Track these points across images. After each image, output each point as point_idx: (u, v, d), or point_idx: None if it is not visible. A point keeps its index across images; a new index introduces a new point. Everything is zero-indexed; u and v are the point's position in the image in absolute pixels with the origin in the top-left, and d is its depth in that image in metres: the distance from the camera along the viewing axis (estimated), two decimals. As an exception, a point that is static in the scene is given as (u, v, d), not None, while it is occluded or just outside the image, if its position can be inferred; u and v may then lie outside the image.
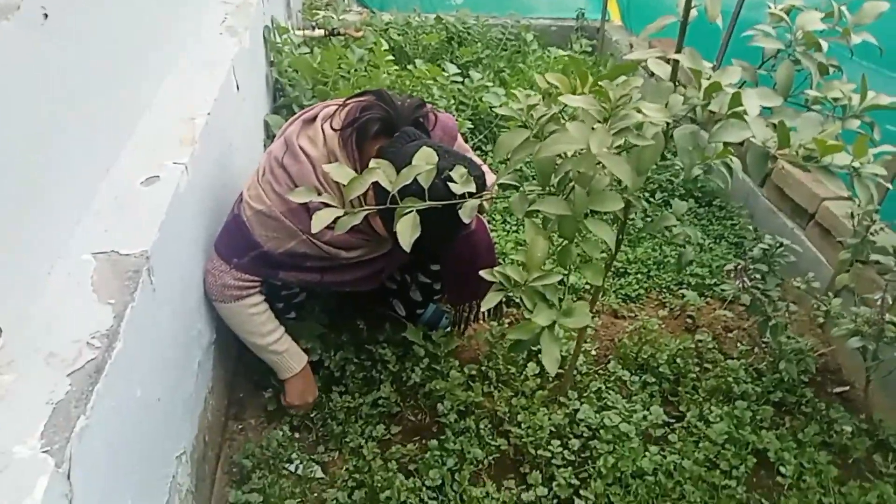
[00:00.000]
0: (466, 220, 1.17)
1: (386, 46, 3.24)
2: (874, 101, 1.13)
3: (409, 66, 3.25)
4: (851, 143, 1.13)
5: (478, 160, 1.93)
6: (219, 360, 1.82)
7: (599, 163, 1.07)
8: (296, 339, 1.84)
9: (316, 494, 1.69)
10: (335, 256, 1.67)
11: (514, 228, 2.63)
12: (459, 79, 3.24)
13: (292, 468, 1.76)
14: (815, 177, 1.14)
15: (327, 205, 1.13)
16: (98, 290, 1.18)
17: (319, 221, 1.10)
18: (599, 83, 1.06)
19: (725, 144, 1.25)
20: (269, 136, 2.68)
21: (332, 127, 1.57)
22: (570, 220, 1.08)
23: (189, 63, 1.99)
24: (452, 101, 3.12)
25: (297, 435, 1.85)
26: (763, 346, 2.07)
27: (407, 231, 1.12)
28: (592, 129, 1.01)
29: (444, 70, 3.25)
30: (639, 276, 2.43)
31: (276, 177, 1.56)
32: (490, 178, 1.88)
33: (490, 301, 1.11)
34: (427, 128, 1.69)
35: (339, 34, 3.66)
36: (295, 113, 2.78)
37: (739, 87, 1.11)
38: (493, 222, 2.66)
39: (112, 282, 1.20)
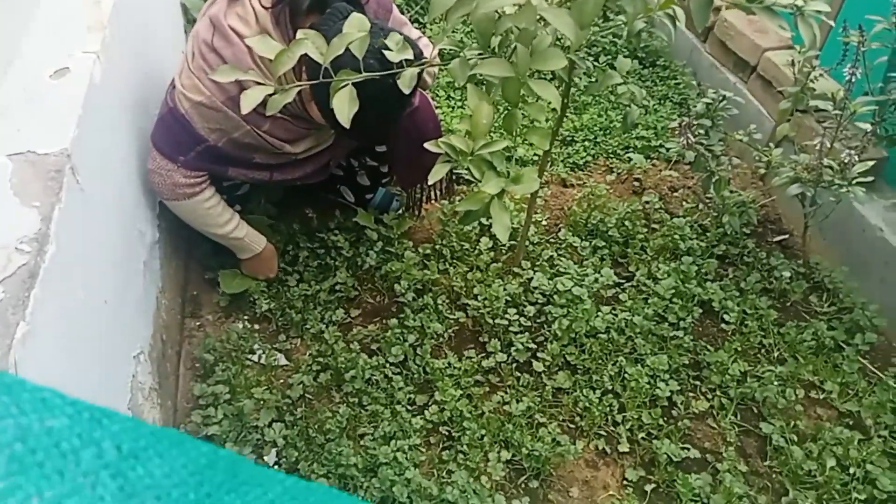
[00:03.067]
0: (406, 90, 1.11)
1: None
2: (819, -66, 1.09)
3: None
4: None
5: (417, 32, 1.84)
6: (167, 259, 1.78)
7: (541, 19, 1.02)
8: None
9: (282, 381, 1.72)
10: (280, 149, 1.61)
11: (459, 104, 2.56)
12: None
13: (255, 358, 1.77)
14: (758, 27, 1.12)
15: (258, 83, 1.05)
16: (19, 194, 1.10)
17: (249, 101, 1.03)
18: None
19: (669, -7, 1.20)
20: (189, 21, 2.48)
21: (261, 4, 1.45)
22: (513, 82, 1.04)
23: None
24: (384, -29, 2.92)
25: (256, 326, 1.86)
26: (707, 202, 2.12)
27: (344, 106, 1.07)
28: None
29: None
30: (585, 143, 2.42)
31: (208, 62, 1.45)
32: (430, 51, 1.80)
33: (437, 173, 1.08)
34: (360, 2, 1.59)
35: None
36: (214, -8, 2.59)
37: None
38: (437, 98, 2.57)
39: (33, 184, 1.13)
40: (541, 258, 1.98)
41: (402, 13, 2.88)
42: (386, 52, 1.11)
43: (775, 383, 1.69)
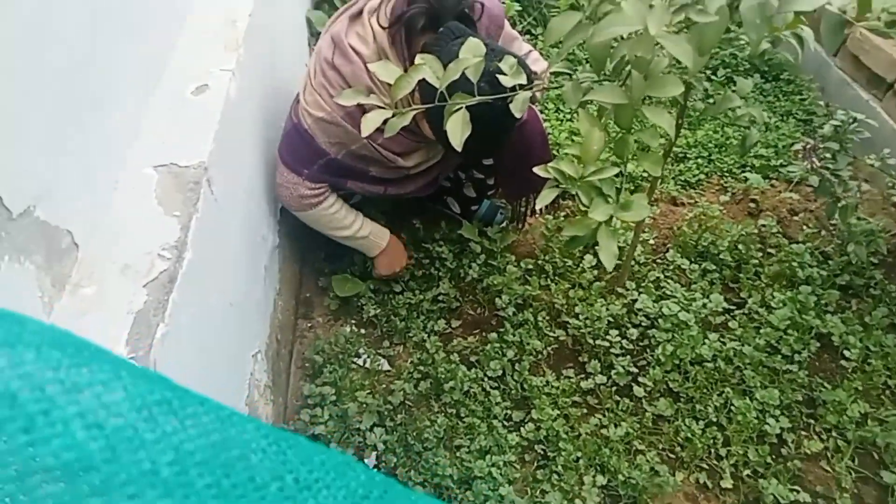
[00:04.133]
0: (518, 115, 1.14)
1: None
2: (972, -45, 1.01)
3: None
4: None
5: (527, 46, 1.85)
6: (283, 264, 1.89)
7: (658, 44, 1.01)
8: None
9: (384, 385, 1.78)
10: (393, 162, 1.68)
11: (568, 117, 2.55)
12: (505, -42, 3.05)
13: (360, 362, 1.85)
14: (899, 45, 1.05)
15: (377, 107, 1.11)
16: (162, 203, 1.22)
17: (369, 124, 1.08)
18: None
19: (796, 14, 1.15)
20: (313, 34, 2.62)
21: (378, 24, 1.53)
22: (626, 109, 1.03)
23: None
24: (499, -16, 2.96)
25: (363, 331, 1.93)
26: (831, 228, 1.99)
27: (457, 129, 1.10)
28: (650, 6, 0.94)
29: (488, -50, 3.06)
30: (699, 160, 2.35)
31: (328, 80, 1.55)
32: (541, 65, 1.82)
33: (545, 198, 1.09)
34: (473, 18, 1.62)
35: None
36: (336, 6, 2.73)
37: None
38: (546, 111, 2.58)
39: (174, 194, 1.24)
40: (646, 279, 1.94)
41: (514, 26, 2.92)
42: (500, 77, 1.13)
43: (900, 429, 1.57)
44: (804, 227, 2.07)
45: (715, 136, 2.40)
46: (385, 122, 1.10)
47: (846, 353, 1.73)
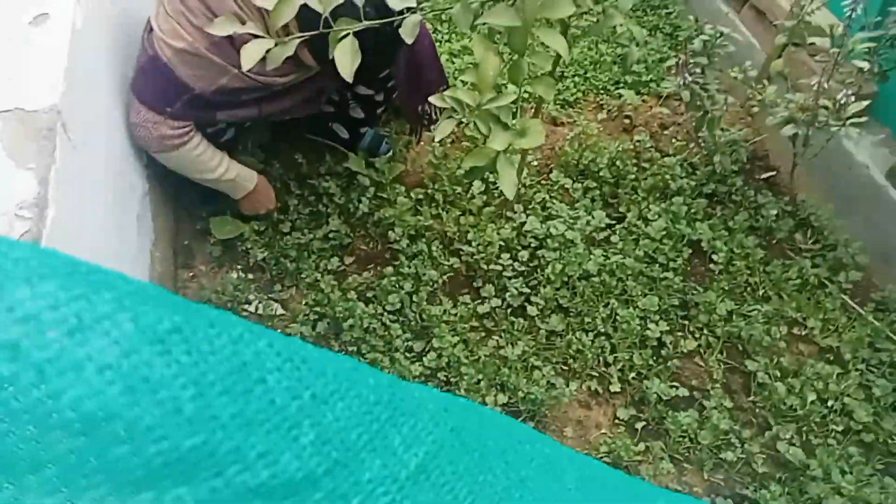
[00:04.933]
0: (409, 40, 1.08)
1: None
2: None
3: None
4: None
5: None
6: (157, 211, 1.75)
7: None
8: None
9: (279, 331, 1.72)
10: (271, 85, 1.56)
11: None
12: None
13: (252, 308, 1.78)
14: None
15: (255, 36, 1.01)
16: (14, 156, 1.07)
17: (249, 57, 0.99)
18: None
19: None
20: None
21: None
22: (521, 32, 1.01)
23: None
24: None
25: (251, 276, 1.85)
26: (698, 140, 2.12)
27: (346, 59, 1.04)
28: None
29: None
30: (576, 78, 2.39)
31: (188, 7, 1.39)
32: None
33: (443, 130, 1.06)
34: None
35: None
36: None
37: None
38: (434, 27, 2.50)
39: (26, 143, 1.09)
40: (533, 201, 1.99)
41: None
42: (388, 0, 1.07)
43: (761, 321, 1.74)
44: (674, 140, 2.18)
45: (590, 53, 2.44)
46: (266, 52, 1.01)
47: (714, 257, 1.88)
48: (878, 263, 1.85)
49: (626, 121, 2.26)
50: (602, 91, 2.36)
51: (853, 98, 1.54)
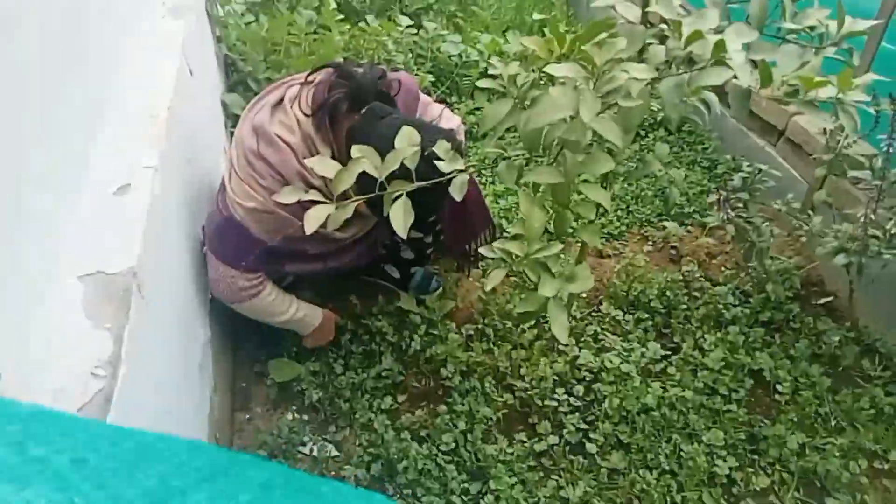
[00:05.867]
0: (458, 198, 1.15)
1: (333, 5, 3.13)
2: (852, 28, 1.13)
3: (361, 24, 3.14)
4: (831, 73, 1.13)
5: (439, 106, 1.91)
6: (217, 357, 1.81)
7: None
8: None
9: (334, 473, 1.72)
10: (331, 237, 1.67)
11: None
12: (413, 30, 3.15)
13: (307, 451, 1.78)
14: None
15: (315, 201, 1.10)
16: (92, 316, 1.15)
17: (312, 222, 1.07)
18: (579, 44, 1.04)
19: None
20: (229, 117, 2.59)
21: (301, 111, 1.54)
22: (563, 187, 1.07)
23: (137, 54, 1.89)
24: (410, 55, 3.04)
25: (306, 417, 1.87)
26: (747, 268, 2.11)
27: (400, 216, 1.11)
28: (579, 94, 0.99)
29: (396, 23, 3.16)
30: (618, 212, 2.45)
31: (256, 169, 1.53)
32: (454, 121, 1.90)
33: (494, 279, 1.10)
34: (391, 95, 1.67)
35: (281, -6, 3.50)
36: (251, 88, 2.72)
37: (719, 30, 1.10)
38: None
39: (104, 305, 1.17)
40: (585, 333, 1.98)
41: (429, 94, 3.00)
42: (438, 164, 1.15)
43: (837, 455, 1.65)
44: (723, 269, 2.18)
45: (630, 188, 2.52)
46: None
47: (778, 387, 1.82)
48: (957, 390, 1.75)
49: (673, 251, 2.29)
50: (646, 223, 2.41)
51: (903, 226, 1.54)
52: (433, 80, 3.01)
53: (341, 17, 3.04)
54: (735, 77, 1.08)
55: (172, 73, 1.81)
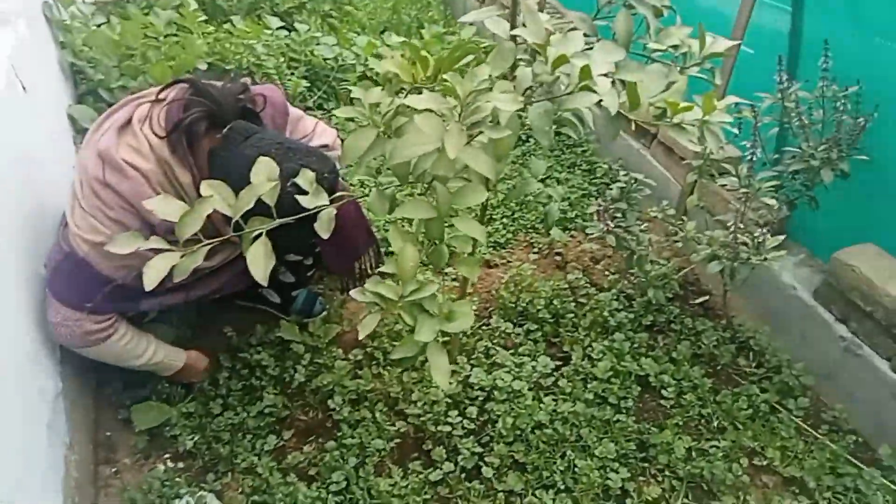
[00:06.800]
0: (325, 235, 1.06)
1: (195, 4, 2.92)
2: (713, 49, 1.13)
3: (227, 25, 2.94)
4: (693, 89, 1.13)
5: (312, 121, 1.80)
6: (72, 407, 1.61)
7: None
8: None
9: (214, 528, 1.58)
10: (197, 270, 1.51)
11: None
12: (285, 32, 2.99)
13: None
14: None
15: (157, 249, 0.97)
16: None
17: (152, 275, 0.94)
18: (443, 71, 0.97)
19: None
20: (79, 131, 2.34)
21: (154, 132, 1.38)
22: (436, 222, 1.00)
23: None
24: (282, 59, 2.88)
25: (180, 465, 1.70)
26: (630, 273, 2.15)
27: (259, 260, 1.00)
28: (443, 121, 0.92)
29: (265, 25, 2.99)
30: (504, 220, 2.43)
31: (103, 200, 1.36)
32: (329, 134, 1.81)
33: (367, 327, 1.02)
34: (256, 111, 1.54)
35: (137, -6, 3.23)
36: (102, 98, 2.48)
37: (588, 47, 1.06)
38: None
39: None
40: (476, 350, 1.94)
41: (304, 101, 2.86)
42: (300, 198, 1.05)
43: (720, 457, 1.69)
44: (607, 274, 2.21)
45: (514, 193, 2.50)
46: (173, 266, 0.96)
47: (664, 392, 1.85)
48: (822, 381, 1.85)
49: (558, 257, 2.29)
50: (531, 230, 2.40)
51: (769, 234, 1.59)
52: (308, 85, 2.87)
53: (204, 17, 2.83)
54: (600, 101, 1.05)
55: (-3, 93, 1.59)
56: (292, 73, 2.86)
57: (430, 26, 3.55)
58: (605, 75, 0.97)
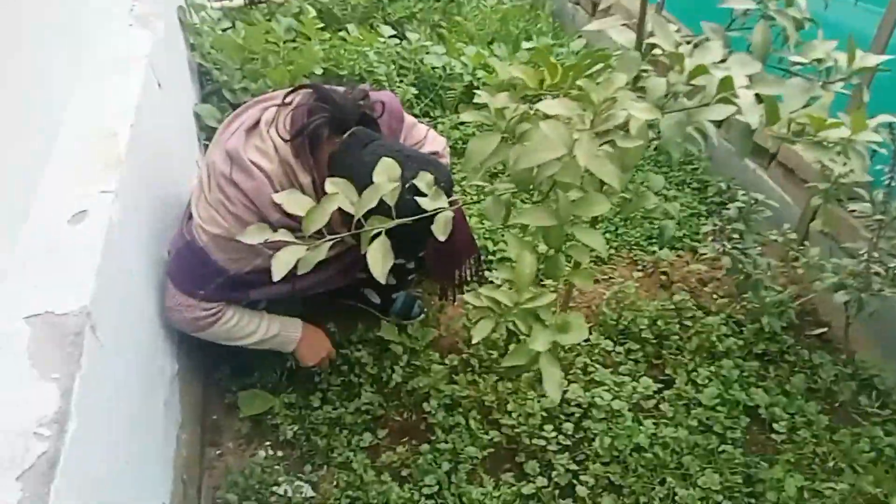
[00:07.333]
0: (442, 238, 1.06)
1: (313, 12, 3.04)
2: (863, 64, 1.06)
3: (342, 32, 3.05)
4: (840, 109, 1.06)
5: (424, 128, 1.82)
6: (185, 389, 1.70)
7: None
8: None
9: (309, 517, 1.62)
10: None
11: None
12: (396, 41, 3.06)
13: (281, 491, 1.67)
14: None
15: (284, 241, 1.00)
16: (38, 365, 1.04)
17: (280, 266, 0.97)
18: (573, 74, 0.95)
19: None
20: (202, 128, 2.48)
21: (279, 136, 1.44)
22: (556, 230, 0.98)
23: (100, 66, 1.78)
24: (392, 66, 2.95)
25: (280, 453, 1.76)
26: (740, 297, 2.04)
27: (378, 259, 1.01)
28: (572, 132, 0.90)
29: (378, 33, 3.07)
30: (607, 234, 2.37)
31: (227, 196, 1.43)
32: (440, 142, 1.83)
33: (481, 332, 1.01)
34: (374, 118, 1.57)
35: (260, 1, 3.40)
36: (225, 98, 2.61)
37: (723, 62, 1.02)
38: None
39: (52, 351, 1.06)
40: (574, 366, 1.90)
41: (412, 108, 2.91)
42: (420, 200, 1.06)
43: (837, 500, 1.57)
44: (715, 297, 2.11)
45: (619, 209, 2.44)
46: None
47: (775, 425, 1.74)
48: (958, 430, 1.69)
49: (664, 277, 2.21)
50: (635, 247, 2.33)
51: (907, 264, 1.47)
52: (416, 93, 2.92)
53: (321, 25, 2.94)
54: (737, 112, 1.01)
55: (137, 87, 1.71)
56: (401, 81, 2.93)
57: (538, 38, 3.54)
58: (745, 88, 0.93)
